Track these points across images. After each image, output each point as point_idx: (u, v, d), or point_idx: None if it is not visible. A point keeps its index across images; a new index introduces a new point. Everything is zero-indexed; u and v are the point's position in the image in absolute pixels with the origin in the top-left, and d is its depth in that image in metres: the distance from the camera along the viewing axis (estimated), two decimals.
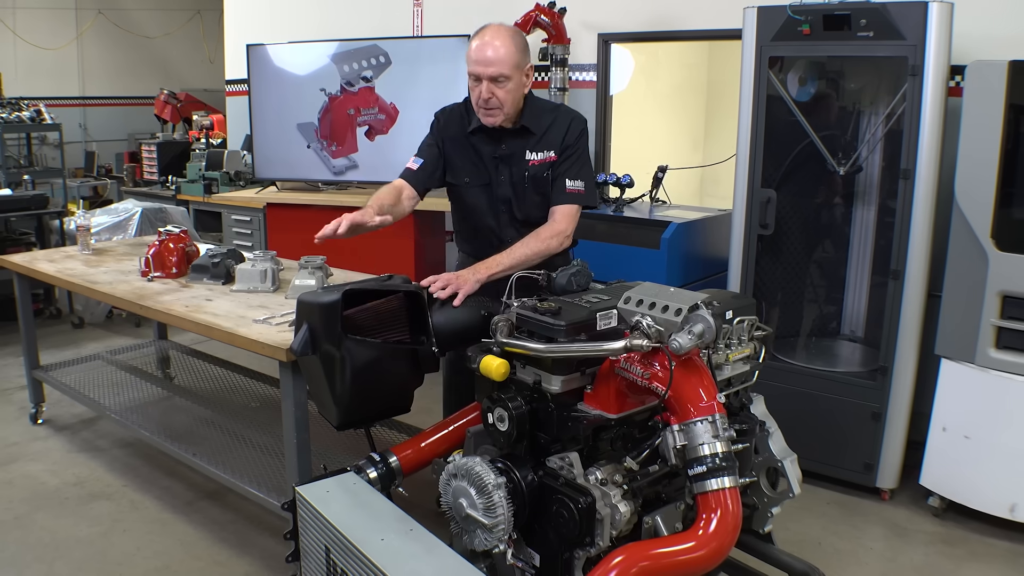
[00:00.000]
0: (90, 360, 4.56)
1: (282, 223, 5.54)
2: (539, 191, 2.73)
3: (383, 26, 5.62)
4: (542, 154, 2.71)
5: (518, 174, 2.72)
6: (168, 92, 8.70)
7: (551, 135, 2.72)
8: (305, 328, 2.30)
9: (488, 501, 2.00)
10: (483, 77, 2.56)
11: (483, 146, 2.74)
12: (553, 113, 2.78)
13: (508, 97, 2.59)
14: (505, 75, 2.56)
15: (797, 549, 2.76)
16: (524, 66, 2.63)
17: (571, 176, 2.71)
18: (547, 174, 2.72)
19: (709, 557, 1.80)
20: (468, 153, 2.76)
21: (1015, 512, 3.17)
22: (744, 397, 2.28)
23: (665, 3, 4.58)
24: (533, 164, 2.71)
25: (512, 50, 2.57)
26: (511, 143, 2.72)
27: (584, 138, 2.78)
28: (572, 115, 2.79)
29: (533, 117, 2.72)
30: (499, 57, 2.54)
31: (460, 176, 2.78)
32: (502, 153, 2.72)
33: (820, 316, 4.09)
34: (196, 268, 3.51)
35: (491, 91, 2.57)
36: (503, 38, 2.57)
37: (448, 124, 2.80)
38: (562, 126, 2.74)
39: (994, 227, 3.12)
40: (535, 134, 2.71)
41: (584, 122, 2.78)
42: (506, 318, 2.13)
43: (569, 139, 2.72)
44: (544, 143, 2.72)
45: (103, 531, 3.26)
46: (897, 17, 3.16)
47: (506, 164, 2.73)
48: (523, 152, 2.71)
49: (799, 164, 3.74)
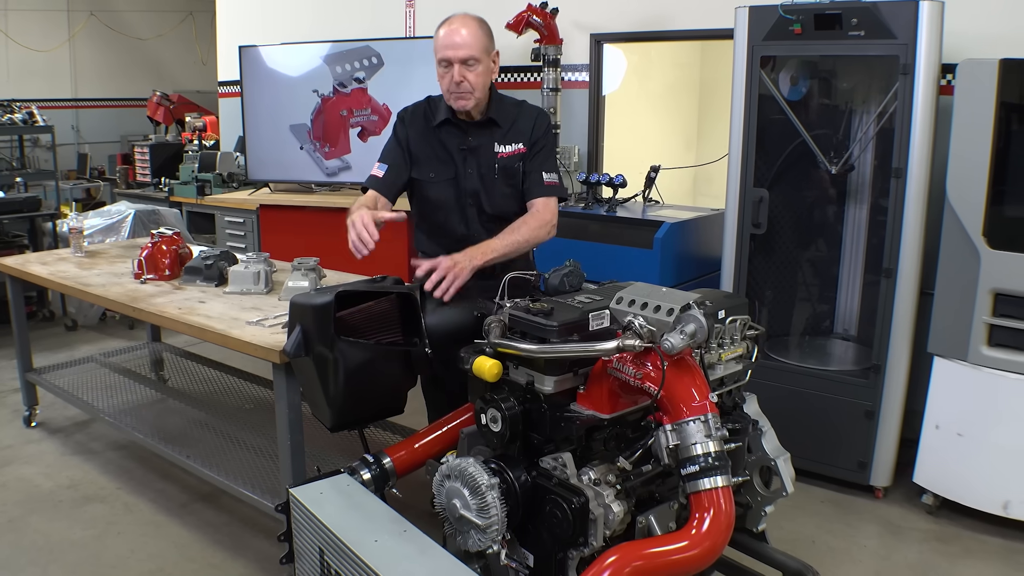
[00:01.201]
0: (83, 363, 4.55)
1: (275, 225, 5.53)
2: (509, 183, 2.75)
3: (375, 27, 5.62)
4: (511, 146, 2.74)
5: (487, 166, 2.73)
6: (161, 94, 8.68)
7: (519, 128, 2.76)
8: (298, 330, 2.31)
9: (482, 502, 2.00)
10: (454, 61, 2.59)
11: (450, 139, 2.76)
12: (518, 108, 2.82)
13: (479, 80, 2.62)
14: (475, 57, 2.60)
15: (791, 547, 2.76)
16: (491, 51, 2.68)
17: (546, 170, 2.76)
18: (518, 165, 2.74)
19: (702, 556, 1.81)
20: (434, 148, 2.77)
21: (1008, 509, 3.19)
22: (737, 396, 2.28)
23: (657, 3, 4.59)
24: (503, 156, 2.73)
25: (480, 34, 2.62)
26: (478, 135, 2.74)
27: (551, 132, 2.84)
28: (537, 110, 2.84)
29: (499, 110, 2.75)
30: (467, 41, 2.59)
31: (425, 171, 2.78)
32: (469, 145, 2.74)
33: (813, 315, 4.10)
34: (189, 270, 3.50)
35: (462, 74, 2.59)
36: (469, 24, 2.62)
37: (413, 121, 2.82)
38: (529, 119, 2.78)
39: (986, 225, 3.14)
40: (502, 127, 2.74)
41: (549, 117, 2.85)
42: (499, 319, 2.13)
43: (538, 133, 2.77)
44: (512, 136, 2.75)
45: (97, 534, 3.25)
46: (888, 16, 3.17)
47: (474, 156, 2.74)
48: (491, 144, 2.73)
49: (791, 163, 3.75)
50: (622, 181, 4.43)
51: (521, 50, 4.85)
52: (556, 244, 2.79)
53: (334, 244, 5.08)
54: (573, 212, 4.27)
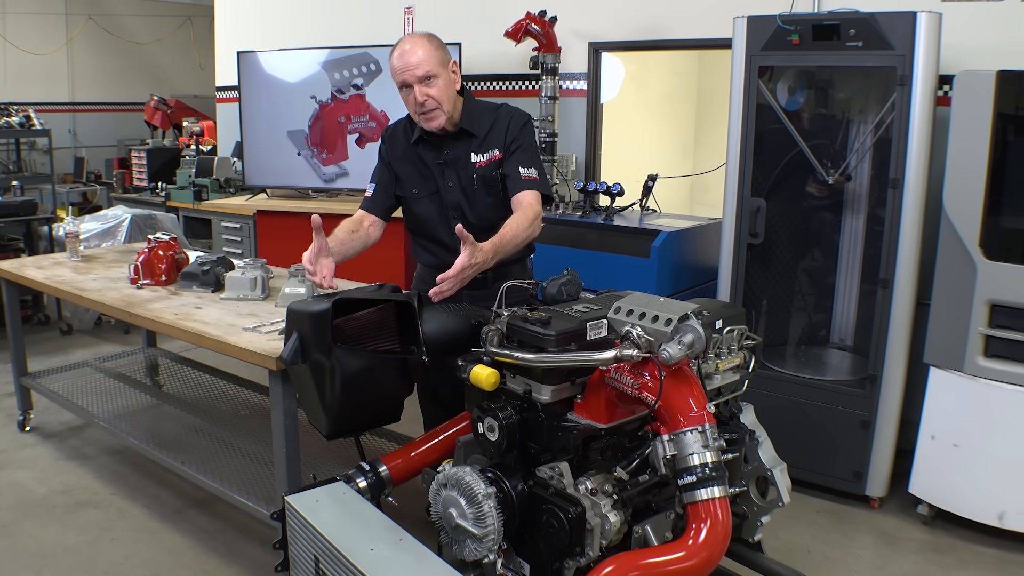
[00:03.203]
0: (78, 367, 4.53)
1: (272, 230, 5.53)
2: (490, 192, 2.73)
3: (374, 34, 5.63)
4: (487, 155, 2.72)
5: (465, 177, 2.72)
6: (158, 98, 8.68)
7: (493, 135, 2.73)
8: (295, 337, 2.30)
9: (478, 511, 1.99)
10: (412, 81, 2.59)
11: (427, 155, 2.75)
12: (493, 113, 2.78)
13: (442, 95, 2.61)
14: (432, 73, 2.59)
15: (787, 558, 2.76)
16: (447, 63, 2.66)
17: (523, 164, 2.69)
18: (496, 173, 2.72)
19: (699, 566, 1.80)
20: (415, 164, 2.77)
21: (1004, 520, 3.19)
22: (734, 406, 2.28)
23: (655, 12, 4.60)
24: (480, 166, 2.71)
25: (431, 48, 2.61)
26: (453, 147, 2.73)
27: (529, 130, 2.77)
28: (512, 111, 2.79)
29: (471, 119, 2.73)
30: (421, 59, 2.58)
31: (408, 188, 2.79)
32: (445, 158, 2.73)
33: (809, 325, 4.10)
34: (185, 275, 3.50)
35: (424, 93, 2.59)
36: (418, 41, 2.62)
37: (394, 141, 2.82)
38: (503, 123, 2.74)
39: (982, 236, 3.15)
40: (476, 136, 2.72)
41: (527, 116, 2.79)
42: (496, 328, 2.12)
43: (512, 133, 2.73)
44: (487, 144, 2.72)
45: (91, 539, 3.24)
46: (886, 27, 3.18)
47: (452, 169, 2.73)
48: (467, 156, 2.72)
49: (788, 173, 3.76)
50: (619, 190, 4.43)
51: (520, 58, 4.86)
52: (553, 252, 2.78)
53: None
54: (570, 220, 4.27)
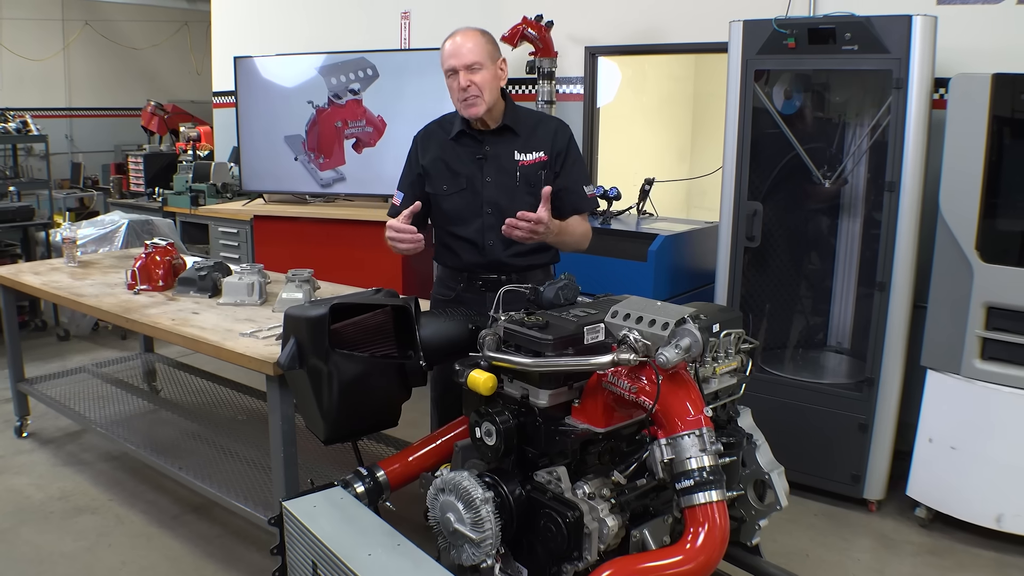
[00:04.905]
0: (75, 373, 4.53)
1: (269, 236, 5.53)
2: (532, 192, 2.71)
3: (371, 39, 5.63)
4: (532, 155, 2.73)
5: (507, 174, 2.72)
6: (155, 103, 8.67)
7: (538, 137, 2.75)
8: (292, 342, 2.30)
9: (476, 515, 1.99)
10: (458, 68, 2.63)
11: (465, 150, 2.75)
12: (536, 117, 2.85)
13: (485, 84, 2.64)
14: (479, 63, 2.62)
15: (785, 561, 2.76)
16: (497, 59, 2.70)
17: (584, 182, 2.82)
18: (540, 174, 2.72)
19: (697, 570, 1.80)
20: (450, 160, 2.77)
21: (1001, 522, 3.19)
22: (731, 410, 2.28)
23: (652, 16, 4.61)
24: (524, 164, 2.72)
25: (482, 41, 2.66)
26: (494, 144, 2.73)
27: (575, 143, 2.84)
28: (557, 121, 2.85)
29: (515, 119, 2.75)
30: (471, 48, 2.63)
31: (438, 184, 2.78)
32: (485, 153, 2.73)
33: (806, 328, 4.11)
34: (183, 281, 3.49)
35: (468, 79, 2.62)
36: (472, 34, 2.67)
37: (427, 139, 2.83)
38: (549, 129, 2.78)
39: (978, 239, 3.15)
40: (520, 135, 2.74)
41: (569, 128, 2.83)
42: (493, 332, 2.13)
43: (561, 143, 2.76)
44: (532, 144, 2.74)
45: (88, 546, 3.23)
46: (882, 31, 3.19)
47: (491, 164, 2.73)
48: (510, 153, 2.72)
49: (785, 176, 3.76)
50: (616, 193, 4.44)
51: (516, 63, 4.87)
52: None
53: (328, 255, 5.08)
54: None
